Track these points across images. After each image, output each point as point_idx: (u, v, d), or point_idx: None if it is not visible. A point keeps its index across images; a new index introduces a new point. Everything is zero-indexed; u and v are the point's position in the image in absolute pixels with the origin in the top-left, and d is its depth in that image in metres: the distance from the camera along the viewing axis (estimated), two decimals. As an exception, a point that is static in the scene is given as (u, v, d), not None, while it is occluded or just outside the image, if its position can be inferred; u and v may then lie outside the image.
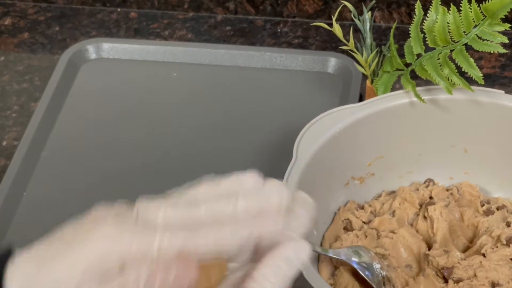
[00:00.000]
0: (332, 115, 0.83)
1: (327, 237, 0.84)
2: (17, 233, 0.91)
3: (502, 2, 0.81)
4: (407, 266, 0.80)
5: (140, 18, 1.20)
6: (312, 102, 1.04)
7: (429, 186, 0.87)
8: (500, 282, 0.76)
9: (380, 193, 0.88)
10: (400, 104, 0.85)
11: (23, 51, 1.17)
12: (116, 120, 1.03)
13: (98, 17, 1.21)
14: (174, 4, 1.20)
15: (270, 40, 1.16)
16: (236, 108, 1.04)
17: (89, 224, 0.51)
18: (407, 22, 1.15)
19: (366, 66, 0.92)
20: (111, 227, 0.50)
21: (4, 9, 1.23)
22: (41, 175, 0.97)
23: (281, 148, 0.94)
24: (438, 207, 0.82)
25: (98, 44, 1.12)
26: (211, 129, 1.02)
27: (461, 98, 0.85)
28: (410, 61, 0.86)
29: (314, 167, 0.79)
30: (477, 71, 0.82)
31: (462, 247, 0.82)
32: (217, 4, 1.19)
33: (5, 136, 1.04)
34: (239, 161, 0.97)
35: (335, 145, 0.82)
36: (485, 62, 1.10)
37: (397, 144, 0.87)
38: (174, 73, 1.09)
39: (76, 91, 1.07)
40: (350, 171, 0.86)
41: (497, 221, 0.82)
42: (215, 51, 1.10)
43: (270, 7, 1.19)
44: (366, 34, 0.92)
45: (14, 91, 1.10)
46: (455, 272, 0.77)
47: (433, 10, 0.84)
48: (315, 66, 1.09)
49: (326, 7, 1.17)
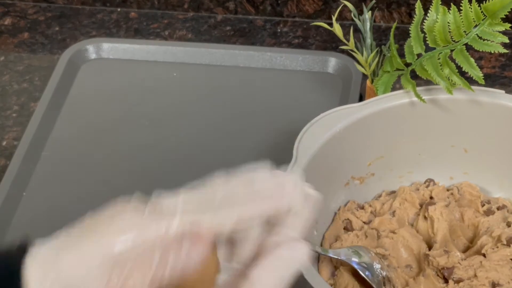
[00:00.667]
0: (332, 115, 0.83)
1: (327, 237, 0.84)
2: (17, 233, 0.91)
3: (502, 2, 0.81)
4: (407, 266, 0.80)
5: (140, 18, 1.20)
6: (312, 102, 1.04)
7: (430, 186, 0.86)
8: (500, 282, 0.76)
9: (380, 193, 0.88)
10: (400, 104, 0.85)
11: (23, 51, 1.16)
12: (116, 120, 1.03)
13: (98, 17, 1.21)
14: (174, 4, 1.20)
15: (270, 40, 1.16)
16: (236, 108, 1.04)
17: (109, 213, 0.52)
18: (407, 22, 1.15)
19: (366, 66, 0.92)
20: (132, 213, 0.51)
21: (4, 9, 1.23)
22: (41, 175, 0.97)
23: (281, 148, 0.94)
24: (438, 207, 0.82)
25: (98, 44, 1.12)
26: (211, 129, 1.02)
27: (461, 98, 0.85)
28: (410, 61, 0.86)
29: (314, 167, 0.79)
30: (478, 71, 0.82)
31: (462, 247, 0.82)
32: (217, 4, 1.19)
33: (5, 136, 1.04)
34: (239, 161, 0.97)
35: (335, 145, 0.82)
36: (485, 62, 1.10)
37: (397, 144, 0.87)
38: (174, 73, 1.09)
39: (76, 91, 1.07)
40: (350, 171, 0.86)
41: (497, 221, 0.82)
42: (215, 51, 1.10)
43: (270, 7, 1.19)
44: (366, 34, 0.92)
45: (14, 91, 1.10)
46: (455, 272, 0.77)
47: (433, 10, 0.84)
48: (315, 66, 1.09)
49: (326, 7, 1.17)
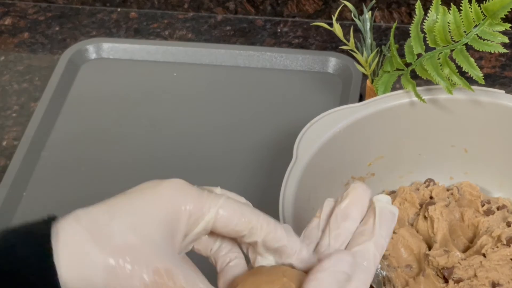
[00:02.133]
0: (332, 115, 0.83)
1: (327, 237, 0.84)
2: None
3: (502, 2, 0.81)
4: (407, 266, 0.80)
5: (140, 18, 1.20)
6: (312, 102, 1.04)
7: (430, 186, 0.86)
8: (500, 282, 0.76)
9: (380, 193, 0.88)
10: (400, 104, 0.85)
11: (23, 51, 1.16)
12: (116, 120, 1.03)
13: (98, 17, 1.21)
14: (174, 4, 1.20)
15: (270, 40, 1.16)
16: (236, 108, 1.04)
17: (152, 184, 0.55)
18: (407, 22, 1.15)
19: (366, 66, 0.92)
20: (180, 181, 0.54)
21: (4, 9, 1.23)
22: (41, 175, 0.97)
23: (281, 148, 0.94)
24: (438, 207, 0.82)
25: (98, 44, 1.12)
26: (211, 129, 1.02)
27: (461, 98, 0.85)
28: (410, 61, 0.86)
29: (314, 167, 0.79)
30: (478, 71, 0.82)
31: (462, 247, 0.82)
32: (217, 4, 1.19)
33: (5, 136, 1.04)
34: (239, 161, 0.97)
35: (335, 145, 0.82)
36: (485, 62, 1.10)
37: (397, 144, 0.87)
38: (174, 73, 1.09)
39: (76, 91, 1.07)
40: (350, 171, 0.86)
41: (497, 221, 0.82)
42: (215, 51, 1.10)
43: (270, 7, 1.19)
44: (366, 34, 0.92)
45: (14, 91, 1.10)
46: (455, 272, 0.77)
47: (433, 10, 0.84)
48: (315, 66, 1.09)
49: (326, 7, 1.17)
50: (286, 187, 0.76)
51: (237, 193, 0.87)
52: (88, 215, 0.52)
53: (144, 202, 0.53)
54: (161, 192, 0.54)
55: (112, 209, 0.53)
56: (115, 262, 0.51)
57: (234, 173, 0.95)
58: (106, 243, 0.51)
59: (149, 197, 0.54)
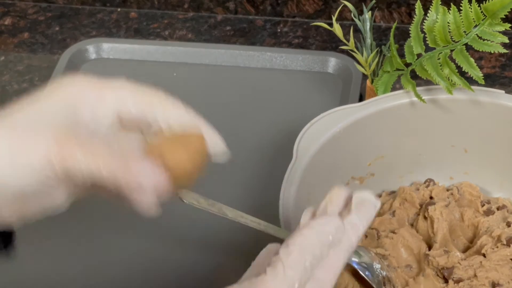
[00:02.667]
0: (332, 115, 0.83)
1: (327, 237, 0.84)
2: (17, 233, 0.90)
3: (502, 2, 0.81)
4: (407, 266, 0.80)
5: (140, 18, 1.20)
6: (312, 102, 1.04)
7: (430, 186, 0.86)
8: (500, 282, 0.76)
9: (380, 193, 0.88)
10: (400, 104, 0.85)
11: (23, 51, 1.17)
12: (116, 120, 1.03)
13: (98, 17, 1.21)
14: (174, 4, 1.20)
15: (270, 40, 1.16)
16: (236, 108, 1.04)
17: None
18: (407, 22, 1.15)
19: (366, 66, 0.92)
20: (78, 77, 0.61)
21: (4, 9, 1.23)
22: (41, 175, 0.97)
23: (281, 148, 0.94)
24: (438, 207, 0.82)
25: (98, 44, 1.12)
26: (211, 129, 1.02)
27: (461, 98, 0.85)
28: (410, 61, 0.86)
29: (314, 167, 0.79)
30: (478, 71, 0.82)
31: (462, 247, 0.82)
32: (217, 4, 1.19)
33: (5, 136, 1.04)
34: (239, 161, 0.97)
35: (335, 145, 0.82)
36: (485, 62, 1.10)
37: (397, 144, 0.87)
38: (174, 73, 1.09)
39: (76, 91, 1.07)
40: (350, 171, 0.86)
41: (497, 221, 0.82)
42: (215, 51, 1.10)
43: (270, 7, 1.19)
44: (366, 34, 0.92)
45: (14, 91, 1.10)
46: (455, 272, 0.77)
47: (433, 10, 0.84)
48: (315, 66, 1.09)
49: (326, 7, 1.17)
50: (286, 187, 0.76)
51: (237, 193, 0.87)
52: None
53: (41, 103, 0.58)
54: (58, 91, 0.58)
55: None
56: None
57: (234, 173, 0.95)
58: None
59: (45, 97, 0.58)
